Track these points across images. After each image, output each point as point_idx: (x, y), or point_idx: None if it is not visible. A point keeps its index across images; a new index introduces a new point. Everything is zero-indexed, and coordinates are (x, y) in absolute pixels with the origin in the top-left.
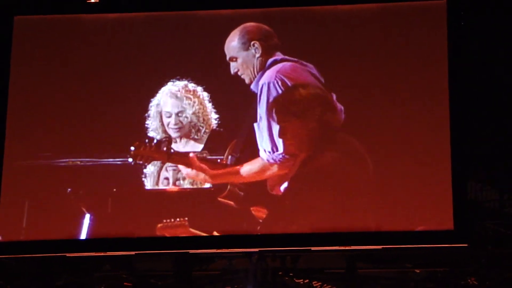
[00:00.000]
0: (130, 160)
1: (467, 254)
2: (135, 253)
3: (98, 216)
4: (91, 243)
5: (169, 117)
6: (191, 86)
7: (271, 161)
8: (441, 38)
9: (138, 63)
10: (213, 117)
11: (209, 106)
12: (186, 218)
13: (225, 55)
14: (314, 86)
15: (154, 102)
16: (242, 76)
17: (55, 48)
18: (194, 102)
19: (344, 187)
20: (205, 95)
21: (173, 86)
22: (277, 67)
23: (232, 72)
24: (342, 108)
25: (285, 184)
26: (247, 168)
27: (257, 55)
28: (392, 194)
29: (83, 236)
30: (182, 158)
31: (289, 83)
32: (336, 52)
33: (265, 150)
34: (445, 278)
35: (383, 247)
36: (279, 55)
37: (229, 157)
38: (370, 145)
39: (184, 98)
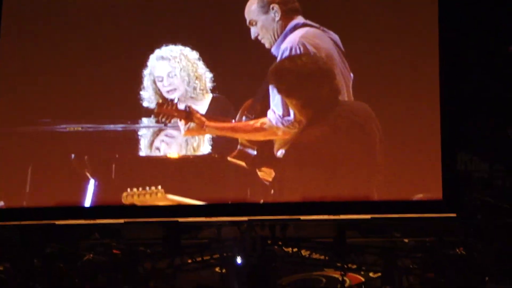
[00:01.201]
0: (152, 118)
1: (456, 224)
2: (124, 221)
3: (102, 182)
4: (80, 210)
5: (161, 81)
6: (179, 48)
7: (279, 124)
8: (433, 11)
9: (132, 28)
10: (208, 76)
11: (200, 64)
12: (160, 187)
13: (218, 18)
14: (328, 58)
15: (146, 71)
16: (262, 41)
17: (48, 15)
18: (180, 59)
19: (335, 158)
20: (194, 54)
21: (160, 51)
22: (300, 32)
23: (252, 37)
24: (352, 76)
25: (283, 151)
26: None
27: (277, 18)
28: (382, 165)
29: (87, 202)
30: (197, 115)
31: (310, 50)
32: (351, 19)
33: (274, 112)
34: (433, 248)
35: (372, 217)
36: (300, 19)
37: (243, 118)
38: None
39: (170, 57)
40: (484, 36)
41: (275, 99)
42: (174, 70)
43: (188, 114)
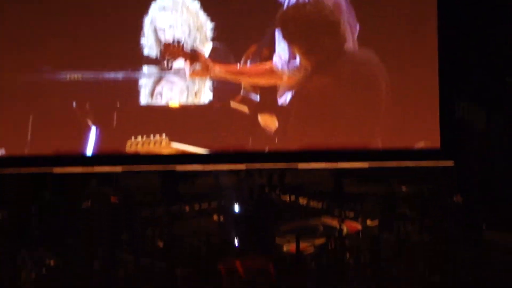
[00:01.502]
0: (153, 66)
1: (453, 172)
2: (122, 170)
3: (103, 130)
4: (79, 159)
5: (163, 32)
6: None
7: (284, 69)
8: None
9: None
10: (209, 27)
11: (201, 13)
12: (164, 135)
13: None
14: (336, 7)
15: (147, 20)
16: None
17: None
18: (182, 11)
19: (339, 107)
20: (195, 4)
21: (162, 0)
22: None
23: None
24: (358, 25)
25: (286, 98)
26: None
27: None
28: (385, 114)
29: (89, 150)
30: (203, 58)
31: None
32: None
33: (280, 57)
34: (431, 196)
35: (369, 166)
36: None
37: (248, 61)
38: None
39: (172, 9)
40: None
41: (281, 43)
42: (176, 23)
43: (194, 56)
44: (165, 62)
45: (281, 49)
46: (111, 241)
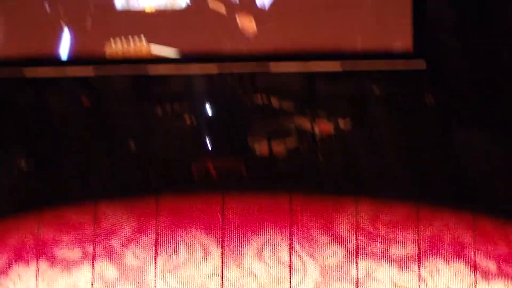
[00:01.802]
0: None
1: (425, 74)
2: (95, 74)
3: (78, 33)
4: (52, 62)
5: None
6: None
7: None
8: None
9: None
10: None
11: None
12: (143, 38)
13: None
14: None
15: None
16: None
17: None
18: None
19: (314, 7)
20: None
21: None
22: None
23: None
24: None
25: None
26: None
27: None
28: (353, 13)
29: (63, 53)
30: None
31: None
32: None
33: None
34: (404, 97)
35: (343, 68)
36: None
37: None
38: None
39: None
40: None
41: None
42: None
43: None
44: None
45: None
46: (84, 145)
